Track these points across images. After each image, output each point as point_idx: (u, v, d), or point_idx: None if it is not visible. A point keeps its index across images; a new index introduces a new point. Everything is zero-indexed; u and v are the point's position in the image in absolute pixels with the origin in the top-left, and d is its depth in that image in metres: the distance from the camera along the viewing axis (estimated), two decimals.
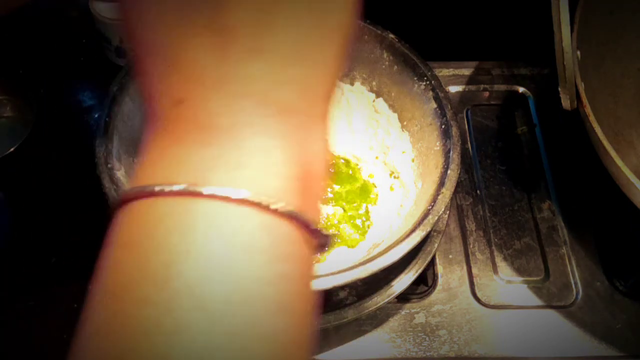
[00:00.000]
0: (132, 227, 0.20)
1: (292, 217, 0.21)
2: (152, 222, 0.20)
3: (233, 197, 0.19)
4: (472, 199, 0.61)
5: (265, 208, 0.20)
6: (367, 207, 0.56)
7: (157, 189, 0.20)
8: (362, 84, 0.60)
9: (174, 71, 0.20)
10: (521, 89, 0.69)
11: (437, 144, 0.51)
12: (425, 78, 0.53)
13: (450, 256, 0.58)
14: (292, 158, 0.21)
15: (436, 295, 0.55)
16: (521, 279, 0.57)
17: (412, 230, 0.45)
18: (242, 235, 0.20)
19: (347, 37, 0.24)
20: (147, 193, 0.20)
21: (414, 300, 0.55)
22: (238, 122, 0.20)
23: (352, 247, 0.53)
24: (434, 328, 0.53)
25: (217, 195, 0.19)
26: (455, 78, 0.70)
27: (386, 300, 0.50)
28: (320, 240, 0.23)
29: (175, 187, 0.19)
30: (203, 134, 0.20)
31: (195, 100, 0.20)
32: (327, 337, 0.53)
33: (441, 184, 0.47)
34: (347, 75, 0.60)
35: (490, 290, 0.56)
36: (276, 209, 0.20)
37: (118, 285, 0.20)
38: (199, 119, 0.20)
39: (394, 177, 0.57)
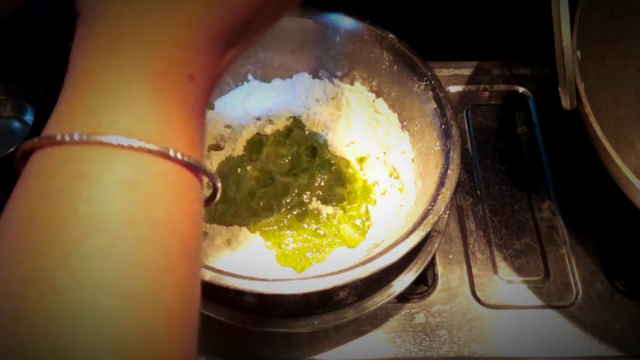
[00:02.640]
0: (36, 176, 0.22)
1: (186, 163, 0.22)
2: (53, 170, 0.21)
3: (126, 144, 0.21)
4: (472, 199, 0.61)
5: (160, 155, 0.22)
6: (367, 207, 0.56)
7: (58, 137, 0.21)
8: (362, 84, 0.60)
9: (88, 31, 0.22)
10: (521, 89, 0.69)
11: (437, 144, 0.51)
12: (425, 78, 0.53)
13: (450, 256, 0.58)
14: (175, 104, 0.23)
15: (436, 295, 0.55)
16: (521, 279, 0.57)
17: (412, 230, 0.45)
18: (135, 178, 0.21)
19: None
20: (48, 142, 0.22)
21: (414, 300, 0.55)
22: (124, 67, 0.22)
23: (352, 247, 0.53)
24: (434, 328, 0.53)
25: (113, 144, 0.21)
26: (455, 78, 0.70)
27: (386, 300, 0.50)
28: (211, 182, 0.25)
29: (73, 137, 0.21)
30: (94, 81, 0.22)
31: (94, 49, 0.22)
32: (327, 337, 0.53)
33: (441, 184, 0.47)
34: (347, 75, 0.60)
35: (490, 290, 0.56)
36: (173, 157, 0.22)
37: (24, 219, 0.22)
38: (92, 65, 0.22)
39: (394, 177, 0.57)
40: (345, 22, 0.56)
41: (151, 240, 0.21)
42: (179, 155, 0.22)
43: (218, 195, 0.26)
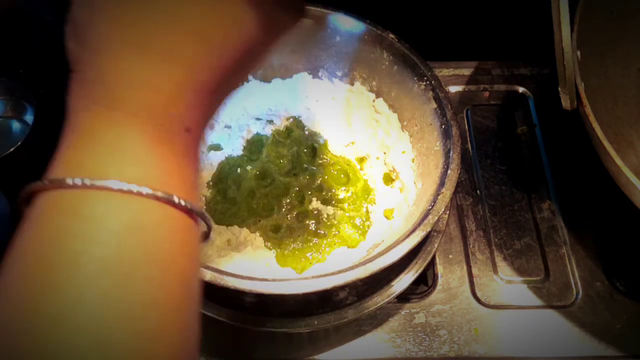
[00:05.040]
0: (44, 217, 0.23)
1: (179, 206, 0.24)
2: (62, 212, 0.22)
3: (130, 189, 0.22)
4: (472, 199, 0.61)
5: (164, 201, 0.23)
6: (367, 207, 0.56)
7: (68, 181, 0.22)
8: (362, 84, 0.60)
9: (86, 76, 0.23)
10: (521, 89, 0.69)
11: (437, 144, 0.51)
12: (425, 78, 0.53)
13: (450, 256, 0.58)
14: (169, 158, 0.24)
15: (436, 295, 0.55)
16: (521, 279, 0.57)
17: (412, 230, 0.45)
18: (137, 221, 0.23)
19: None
20: (56, 185, 0.22)
21: (414, 300, 0.55)
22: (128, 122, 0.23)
23: (352, 247, 0.53)
24: (434, 328, 0.53)
25: (123, 189, 0.22)
26: (455, 78, 0.70)
27: (386, 300, 0.50)
28: (206, 223, 0.27)
29: (84, 181, 0.22)
30: (98, 133, 0.23)
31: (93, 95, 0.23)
32: (327, 337, 0.53)
33: (441, 184, 0.47)
34: (347, 75, 0.60)
35: (490, 290, 0.56)
36: (176, 203, 0.23)
37: (28, 262, 0.22)
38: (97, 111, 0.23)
39: (394, 177, 0.57)
40: (345, 22, 0.56)
41: (158, 281, 0.23)
42: (180, 202, 0.24)
43: (211, 235, 0.28)
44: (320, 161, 0.58)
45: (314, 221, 0.54)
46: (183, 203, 0.24)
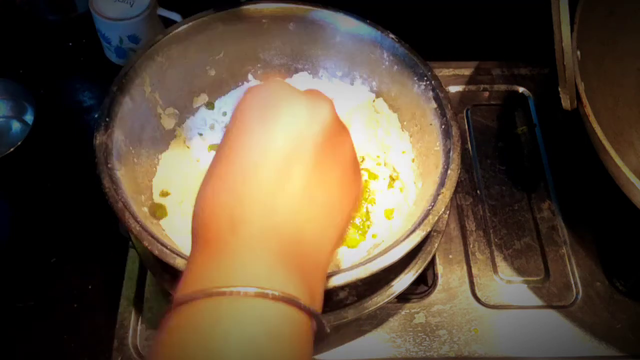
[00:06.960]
0: (186, 321, 0.26)
1: (296, 304, 0.26)
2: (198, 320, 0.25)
3: (269, 294, 0.26)
4: (472, 199, 0.61)
5: (286, 301, 0.26)
6: (367, 207, 0.56)
7: (214, 290, 0.25)
8: (362, 84, 0.60)
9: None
10: (521, 89, 0.69)
11: (437, 144, 0.51)
12: (425, 78, 0.53)
13: (450, 256, 0.58)
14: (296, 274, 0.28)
15: (436, 295, 0.55)
16: (521, 279, 0.57)
17: (412, 230, 0.45)
18: (266, 324, 0.25)
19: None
20: (202, 294, 0.25)
21: (414, 300, 0.55)
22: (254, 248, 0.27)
23: (352, 247, 0.53)
24: (434, 328, 0.53)
25: (268, 294, 0.26)
26: (455, 78, 0.70)
27: (386, 300, 0.50)
28: (319, 326, 0.29)
29: (235, 289, 0.25)
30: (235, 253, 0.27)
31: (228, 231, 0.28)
32: (327, 337, 0.53)
33: (441, 184, 0.47)
34: (347, 75, 0.60)
35: (490, 290, 0.56)
36: (287, 300, 0.26)
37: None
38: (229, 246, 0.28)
39: (394, 177, 0.57)
40: (345, 22, 0.56)
41: None
42: (306, 306, 0.27)
43: (324, 337, 0.30)
44: None
45: None
46: (310, 309, 0.27)
